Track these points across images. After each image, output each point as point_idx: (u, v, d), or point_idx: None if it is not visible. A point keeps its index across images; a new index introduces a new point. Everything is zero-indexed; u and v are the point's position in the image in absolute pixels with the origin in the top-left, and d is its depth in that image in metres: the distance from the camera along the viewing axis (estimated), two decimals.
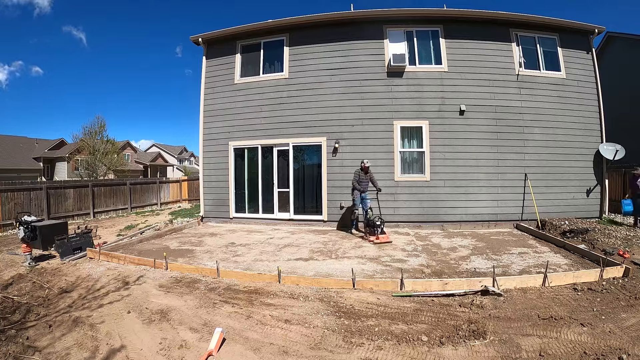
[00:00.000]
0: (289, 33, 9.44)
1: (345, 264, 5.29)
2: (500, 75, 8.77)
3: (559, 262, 5.26)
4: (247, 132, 9.59)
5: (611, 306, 3.67)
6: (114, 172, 28.23)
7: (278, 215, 9.38)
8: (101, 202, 12.49)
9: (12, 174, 26.70)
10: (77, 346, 3.05)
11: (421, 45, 9.00)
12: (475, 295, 4.04)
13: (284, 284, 4.57)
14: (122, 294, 4.29)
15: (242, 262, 5.58)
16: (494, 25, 8.87)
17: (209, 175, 10.09)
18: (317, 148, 9.13)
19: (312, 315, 3.65)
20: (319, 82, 9.13)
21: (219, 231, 8.49)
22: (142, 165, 39.19)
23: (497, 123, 8.67)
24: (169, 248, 6.59)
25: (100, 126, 26.42)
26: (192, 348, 3.01)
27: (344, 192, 8.81)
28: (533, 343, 2.98)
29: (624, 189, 10.25)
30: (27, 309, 3.86)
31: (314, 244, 6.96)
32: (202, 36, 9.92)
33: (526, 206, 8.52)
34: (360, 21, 9.02)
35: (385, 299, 4.04)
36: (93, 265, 5.64)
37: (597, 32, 9.12)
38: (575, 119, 8.87)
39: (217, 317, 3.65)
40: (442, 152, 8.62)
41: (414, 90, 8.79)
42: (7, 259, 6.27)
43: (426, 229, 8.37)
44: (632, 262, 4.92)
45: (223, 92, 9.92)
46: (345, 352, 2.94)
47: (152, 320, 3.58)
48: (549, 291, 4.14)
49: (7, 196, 9.35)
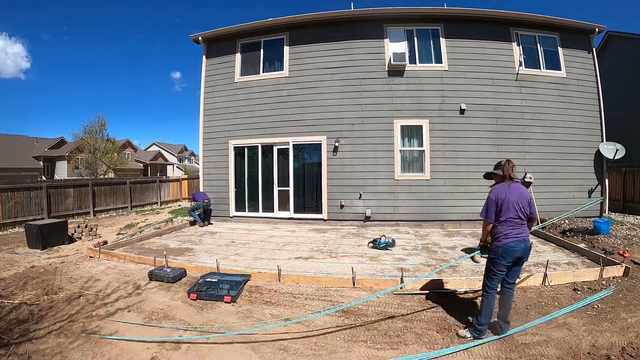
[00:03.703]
0: (289, 32, 9.43)
1: (346, 263, 5.29)
2: (501, 74, 8.76)
3: (559, 261, 5.26)
4: (247, 130, 9.59)
5: (611, 305, 3.67)
6: (114, 171, 28.24)
7: (278, 214, 9.38)
8: (101, 201, 12.48)
9: (12, 173, 26.72)
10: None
11: (421, 44, 8.98)
12: (476, 294, 4.04)
13: (284, 282, 4.58)
14: (122, 294, 4.29)
15: (242, 261, 5.58)
16: (495, 24, 8.85)
17: (209, 174, 10.08)
18: (317, 147, 9.12)
19: (312, 314, 3.65)
20: (319, 81, 9.12)
21: (219, 230, 8.49)
22: (142, 164, 39.21)
23: (497, 122, 8.66)
24: (169, 246, 6.59)
25: (100, 125, 26.46)
26: (190, 345, 3.02)
27: (344, 191, 8.81)
28: (533, 341, 2.98)
29: (624, 188, 10.27)
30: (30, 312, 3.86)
31: (314, 242, 6.96)
32: (202, 35, 9.91)
33: None
34: (360, 20, 9.00)
35: (385, 298, 4.04)
36: (93, 264, 5.65)
37: (597, 31, 9.10)
38: (575, 118, 8.87)
39: (217, 315, 3.65)
40: (442, 150, 8.61)
41: (414, 89, 8.78)
42: (7, 257, 6.27)
43: (426, 227, 8.37)
44: (632, 262, 4.92)
45: (223, 90, 9.90)
46: (345, 350, 2.94)
47: (153, 319, 3.58)
48: (549, 290, 4.14)
49: (7, 195, 9.34)
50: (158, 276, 4.71)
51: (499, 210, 3.06)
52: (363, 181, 8.68)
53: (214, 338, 3.14)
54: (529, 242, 3.09)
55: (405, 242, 6.87)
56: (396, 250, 6.19)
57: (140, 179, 16.25)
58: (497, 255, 3.05)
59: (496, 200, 3.08)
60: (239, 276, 4.55)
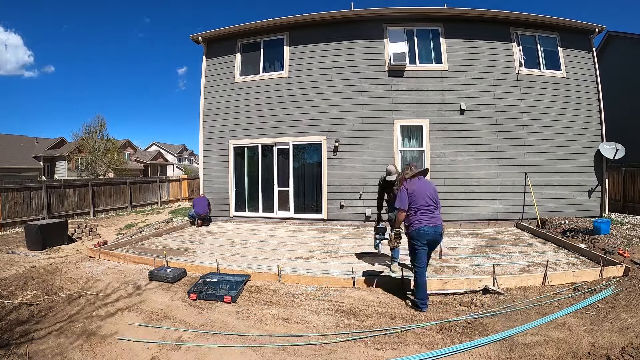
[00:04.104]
0: (289, 32, 9.43)
1: (346, 263, 5.29)
2: (501, 74, 8.76)
3: (559, 261, 5.26)
4: (247, 130, 9.59)
5: (611, 305, 3.67)
6: (114, 171, 28.25)
7: (278, 214, 9.38)
8: (101, 201, 12.48)
9: (12, 173, 26.72)
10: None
11: (421, 44, 8.98)
12: (476, 294, 4.04)
13: (284, 282, 4.58)
14: (122, 294, 4.29)
15: (242, 261, 5.58)
16: (495, 24, 8.85)
17: (209, 174, 10.08)
18: (317, 147, 9.12)
19: (312, 314, 3.65)
20: (319, 81, 9.12)
21: (219, 230, 8.49)
22: (142, 164, 39.22)
23: (497, 122, 8.66)
24: (169, 247, 6.59)
25: (100, 125, 26.47)
26: (190, 345, 3.02)
27: (344, 191, 8.81)
28: (533, 341, 2.98)
29: (624, 188, 10.27)
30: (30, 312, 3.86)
31: (314, 242, 6.96)
32: (202, 35, 9.91)
33: (526, 205, 8.52)
34: (360, 20, 9.00)
35: (386, 298, 4.04)
36: (93, 264, 5.64)
37: (597, 31, 9.10)
38: (575, 117, 8.87)
39: (217, 315, 3.65)
40: (442, 150, 8.61)
41: (414, 89, 8.78)
42: (7, 257, 6.27)
43: None
44: (632, 262, 4.92)
45: (223, 90, 9.91)
46: (345, 350, 2.94)
47: (153, 319, 3.58)
48: (549, 290, 4.14)
49: (7, 195, 9.34)
50: (158, 276, 4.71)
51: (412, 199, 3.58)
52: (363, 181, 8.67)
53: (214, 338, 3.14)
54: (440, 228, 3.63)
55: (405, 242, 6.85)
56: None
57: (140, 179, 16.25)
58: (413, 238, 3.61)
59: (409, 191, 3.60)
60: (239, 276, 4.55)
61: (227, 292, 4.06)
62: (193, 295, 4.06)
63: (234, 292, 4.05)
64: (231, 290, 4.08)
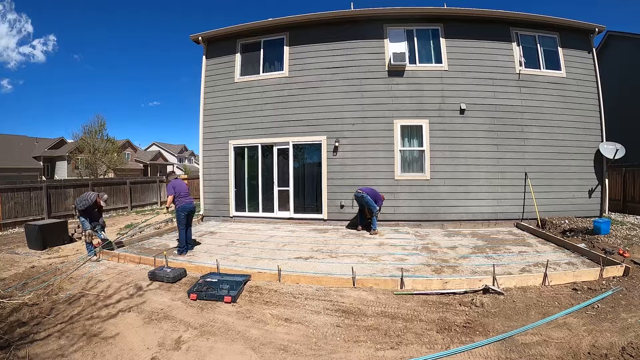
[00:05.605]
0: (289, 32, 9.42)
1: (346, 263, 5.30)
2: (501, 74, 8.76)
3: (559, 261, 5.26)
4: (247, 130, 9.59)
5: (611, 305, 3.67)
6: (114, 171, 28.26)
7: (278, 214, 9.38)
8: None
9: (12, 173, 26.70)
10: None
11: (421, 44, 8.98)
12: (476, 294, 4.04)
13: (284, 282, 4.58)
14: (122, 295, 4.29)
15: (242, 261, 5.58)
16: (495, 24, 8.85)
17: (209, 174, 10.08)
18: (318, 147, 9.12)
19: (312, 314, 3.65)
20: (319, 81, 9.12)
21: (219, 230, 8.49)
22: (142, 164, 39.21)
23: (497, 122, 8.66)
24: (169, 246, 6.59)
25: (100, 125, 26.48)
26: (190, 346, 3.02)
27: (344, 191, 8.81)
28: (533, 341, 2.98)
29: (624, 188, 10.27)
30: (30, 313, 3.86)
31: (314, 242, 6.96)
32: (202, 35, 9.90)
33: (526, 205, 8.52)
34: (360, 20, 9.00)
35: (386, 298, 4.05)
36: (93, 264, 5.64)
37: (597, 31, 9.09)
38: (575, 117, 8.86)
39: (217, 315, 3.65)
40: (442, 150, 8.61)
41: (414, 89, 8.78)
42: (7, 257, 6.27)
43: (426, 227, 8.37)
44: (632, 262, 4.92)
45: (223, 90, 9.90)
46: (345, 350, 2.95)
47: (153, 319, 3.58)
48: (549, 290, 4.14)
49: (7, 195, 9.34)
50: (158, 276, 4.71)
51: (176, 189, 6.02)
52: (363, 181, 8.66)
53: (214, 338, 3.15)
54: (192, 204, 6.11)
55: (405, 242, 6.87)
56: (396, 250, 6.20)
57: (140, 179, 16.24)
58: (178, 211, 5.98)
59: (174, 185, 6.06)
60: (239, 276, 4.55)
61: (227, 292, 4.06)
62: (193, 295, 4.06)
63: (234, 292, 4.06)
64: (231, 290, 4.09)
